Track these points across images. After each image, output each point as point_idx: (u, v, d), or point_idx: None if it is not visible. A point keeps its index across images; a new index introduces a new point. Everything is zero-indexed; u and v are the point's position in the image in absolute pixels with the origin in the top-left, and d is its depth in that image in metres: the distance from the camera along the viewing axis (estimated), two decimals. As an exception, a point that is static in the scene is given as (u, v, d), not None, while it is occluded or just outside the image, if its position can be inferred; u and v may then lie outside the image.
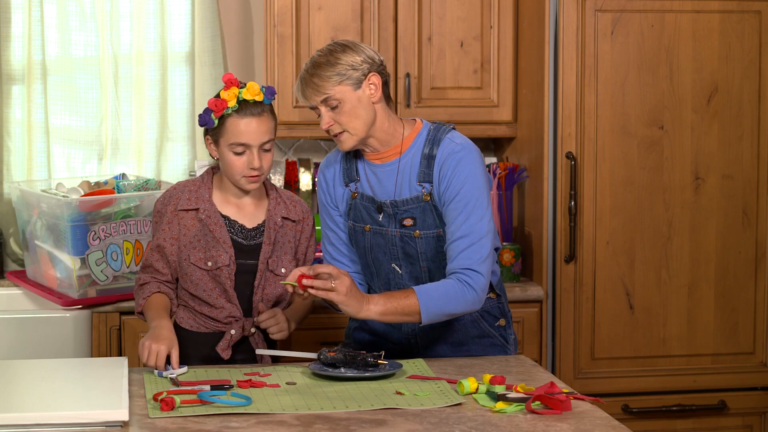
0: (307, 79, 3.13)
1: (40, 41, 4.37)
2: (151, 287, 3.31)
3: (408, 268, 3.24)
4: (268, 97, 3.23)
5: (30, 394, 2.84)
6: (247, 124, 3.20)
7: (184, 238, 3.28)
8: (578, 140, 4.13)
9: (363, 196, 3.24)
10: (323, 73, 3.10)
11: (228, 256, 3.25)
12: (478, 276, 3.09)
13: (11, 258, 4.47)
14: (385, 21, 4.32)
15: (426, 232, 3.19)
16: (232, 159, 3.22)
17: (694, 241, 4.21)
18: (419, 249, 3.21)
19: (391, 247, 3.23)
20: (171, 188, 3.35)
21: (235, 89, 3.19)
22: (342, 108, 3.12)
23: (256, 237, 3.30)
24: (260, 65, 4.63)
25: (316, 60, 3.14)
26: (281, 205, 3.35)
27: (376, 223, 3.24)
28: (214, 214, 3.28)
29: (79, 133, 4.48)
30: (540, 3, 4.16)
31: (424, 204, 3.18)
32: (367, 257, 3.28)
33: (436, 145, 3.17)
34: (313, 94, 3.13)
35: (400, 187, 3.20)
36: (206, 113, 3.22)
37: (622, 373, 4.21)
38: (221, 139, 3.23)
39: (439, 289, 3.08)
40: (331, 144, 4.68)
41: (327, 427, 2.62)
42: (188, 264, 3.27)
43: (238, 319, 3.29)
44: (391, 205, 3.20)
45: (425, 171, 3.17)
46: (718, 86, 4.18)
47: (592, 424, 2.66)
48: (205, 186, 3.32)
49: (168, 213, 3.30)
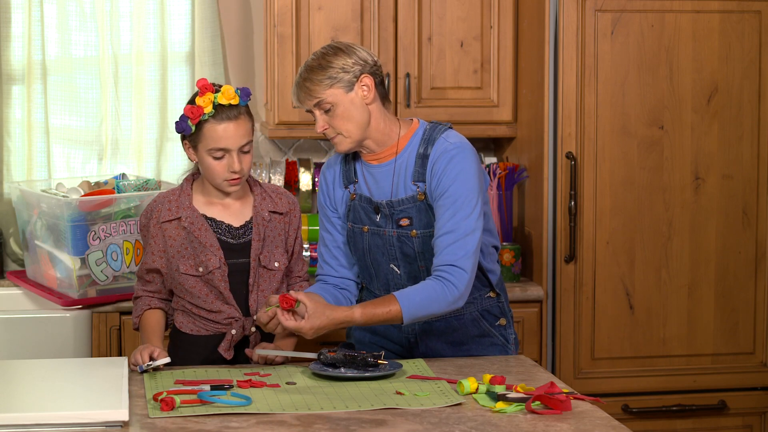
0: (301, 83, 3.15)
1: (40, 41, 4.37)
2: (143, 303, 3.33)
3: (406, 268, 3.24)
4: (243, 98, 3.20)
5: (30, 394, 2.84)
6: (224, 129, 3.17)
7: (171, 249, 3.26)
8: (578, 140, 4.13)
9: (361, 198, 3.25)
10: (315, 77, 3.12)
11: (217, 259, 3.23)
12: (461, 272, 3.09)
13: (11, 258, 4.47)
14: (385, 21, 4.32)
15: (422, 231, 3.19)
16: (212, 164, 3.20)
17: (694, 241, 4.21)
18: (416, 249, 3.21)
19: (389, 247, 3.23)
20: (152, 201, 3.34)
21: (211, 95, 3.16)
22: (335, 111, 3.13)
23: (244, 235, 3.29)
24: (260, 65, 4.63)
25: (309, 64, 3.16)
26: (267, 200, 3.33)
27: (373, 224, 3.24)
28: (197, 219, 3.25)
29: (79, 133, 4.48)
30: (540, 3, 4.16)
31: (419, 203, 3.18)
32: (366, 258, 3.28)
33: (430, 145, 3.18)
34: (306, 98, 3.15)
35: (396, 187, 3.20)
36: (182, 120, 3.20)
37: (622, 373, 4.21)
38: (200, 144, 3.21)
39: (420, 293, 3.09)
40: (331, 144, 4.67)
41: (327, 427, 2.63)
42: (179, 274, 3.25)
43: (237, 319, 3.27)
44: (387, 205, 3.21)
45: (419, 170, 3.18)
46: (718, 86, 4.18)
47: (592, 424, 2.66)
48: (185, 193, 3.30)
49: (152, 227, 3.28)
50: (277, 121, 4.30)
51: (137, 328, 3.35)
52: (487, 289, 3.30)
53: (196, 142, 3.21)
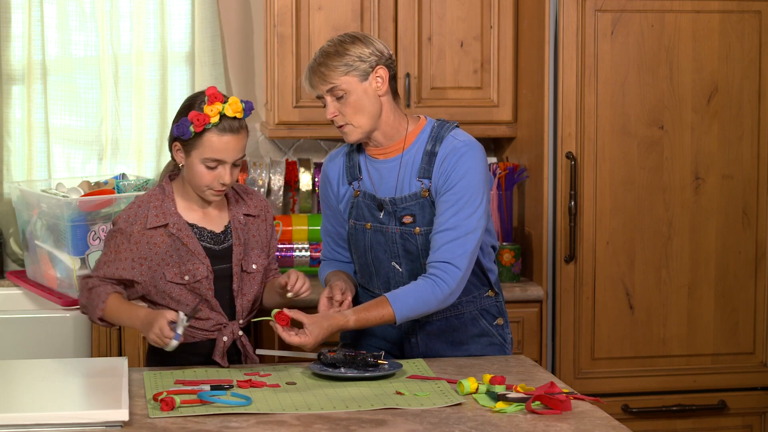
0: (315, 67, 3.15)
1: (40, 41, 4.37)
2: (105, 290, 3.19)
3: (408, 265, 3.24)
4: (247, 112, 3.17)
5: (30, 394, 2.84)
6: (226, 141, 3.14)
7: (155, 257, 3.19)
8: (578, 140, 4.13)
9: (365, 194, 3.25)
10: (331, 62, 3.13)
11: (205, 267, 3.19)
12: (456, 270, 3.11)
13: (11, 258, 4.47)
14: (385, 21, 4.32)
15: (425, 228, 3.20)
16: (203, 171, 3.16)
17: (694, 241, 4.21)
18: (420, 246, 3.21)
19: (392, 244, 3.24)
20: (134, 206, 3.25)
21: (219, 105, 3.13)
22: (347, 99, 3.14)
23: (225, 240, 3.25)
24: (260, 65, 4.63)
25: (326, 50, 3.16)
26: (240, 203, 3.31)
27: (376, 221, 3.24)
28: (184, 226, 3.21)
29: (79, 133, 4.48)
30: (540, 3, 4.16)
31: (423, 200, 3.19)
32: (368, 256, 3.28)
33: (438, 142, 3.19)
34: (319, 82, 3.15)
35: (401, 183, 3.21)
36: (184, 124, 3.14)
37: (622, 373, 4.21)
38: (195, 151, 3.15)
39: (412, 294, 3.11)
40: (331, 144, 4.68)
41: (327, 427, 2.63)
42: (165, 282, 3.19)
43: (225, 325, 3.24)
44: (390, 202, 3.21)
45: (425, 167, 3.18)
46: (718, 86, 4.18)
47: (592, 424, 2.66)
48: (169, 198, 3.24)
49: (135, 233, 3.19)
50: (277, 121, 4.30)
51: (102, 318, 3.18)
52: (486, 288, 3.31)
53: (192, 148, 3.16)
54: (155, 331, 2.99)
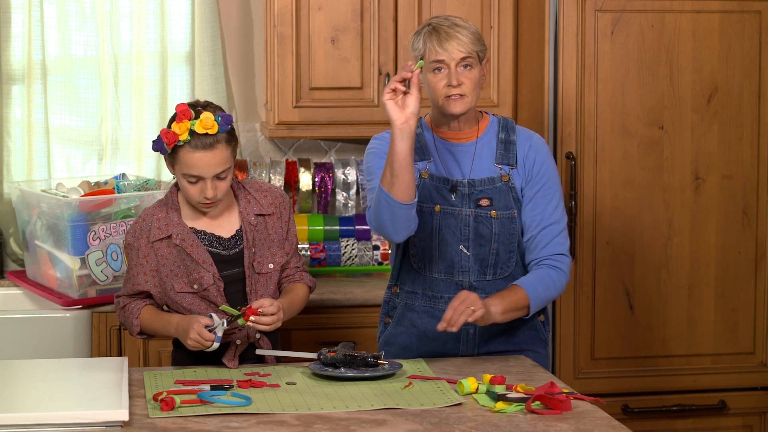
0: (450, 32, 3.15)
1: (40, 41, 4.37)
2: (135, 306, 3.24)
3: (476, 249, 3.25)
4: (223, 126, 3.13)
5: (30, 394, 2.84)
6: (199, 158, 3.11)
7: (164, 269, 3.21)
8: (578, 140, 4.13)
9: (433, 177, 3.25)
10: (468, 32, 3.16)
11: (211, 275, 3.19)
12: (568, 259, 3.27)
13: (11, 258, 4.48)
14: (385, 21, 4.32)
15: (502, 212, 3.24)
16: (187, 186, 3.17)
17: (694, 241, 4.21)
18: (494, 230, 3.24)
19: (463, 227, 3.24)
20: (140, 219, 3.26)
21: (187, 122, 3.10)
22: (472, 71, 3.18)
23: (236, 244, 3.25)
24: (260, 65, 4.63)
25: (453, 21, 3.18)
26: (252, 203, 3.28)
27: (448, 203, 3.24)
28: (188, 235, 3.21)
29: (79, 133, 4.48)
30: (540, 3, 4.16)
31: (502, 185, 3.24)
32: (433, 239, 3.26)
33: (512, 132, 3.28)
34: (457, 46, 3.14)
35: (478, 168, 3.25)
36: (159, 142, 3.15)
37: (622, 373, 4.21)
38: (176, 166, 3.17)
39: (543, 280, 3.21)
40: (331, 144, 4.68)
41: (327, 427, 2.63)
42: (175, 293, 3.20)
43: (240, 328, 3.23)
44: (468, 184, 3.23)
45: (503, 153, 3.26)
46: (718, 86, 4.18)
47: (592, 424, 2.66)
48: (173, 208, 3.24)
49: (142, 247, 3.21)
50: (277, 121, 4.30)
51: (141, 332, 3.25)
52: None
53: (173, 163, 3.17)
54: (192, 337, 3.05)
